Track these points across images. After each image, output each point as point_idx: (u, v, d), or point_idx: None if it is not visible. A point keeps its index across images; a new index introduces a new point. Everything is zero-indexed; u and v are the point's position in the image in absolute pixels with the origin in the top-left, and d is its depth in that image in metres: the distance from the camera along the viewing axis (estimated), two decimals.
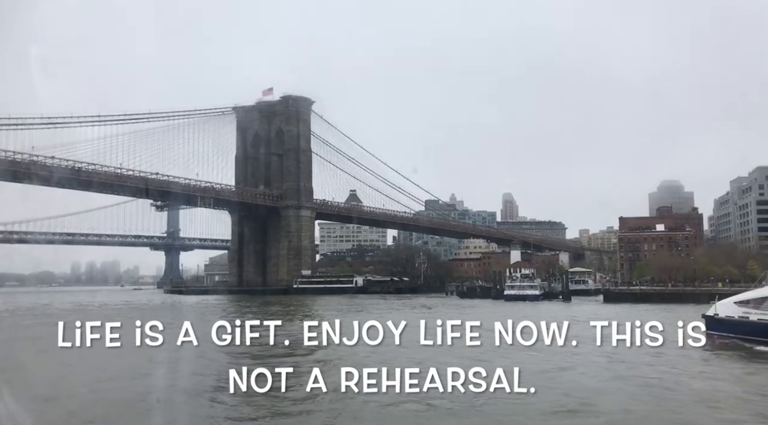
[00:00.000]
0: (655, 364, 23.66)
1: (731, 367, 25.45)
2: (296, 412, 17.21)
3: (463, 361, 12.62)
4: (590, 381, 21.99)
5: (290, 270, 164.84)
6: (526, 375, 12.08)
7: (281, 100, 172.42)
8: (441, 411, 16.48)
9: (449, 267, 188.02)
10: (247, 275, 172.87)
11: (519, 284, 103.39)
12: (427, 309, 74.96)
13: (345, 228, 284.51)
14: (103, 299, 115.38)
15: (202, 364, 23.30)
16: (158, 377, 20.87)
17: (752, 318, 28.80)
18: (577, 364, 24.02)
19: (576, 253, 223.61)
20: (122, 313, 69.82)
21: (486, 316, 57.99)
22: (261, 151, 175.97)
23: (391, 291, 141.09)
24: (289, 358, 21.15)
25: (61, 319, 11.76)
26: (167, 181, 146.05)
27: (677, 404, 18.39)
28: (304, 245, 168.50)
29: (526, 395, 12.12)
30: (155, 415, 17.26)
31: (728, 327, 29.74)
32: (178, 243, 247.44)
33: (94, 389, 20.90)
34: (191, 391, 20.14)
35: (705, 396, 19.58)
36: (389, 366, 11.75)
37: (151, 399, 18.64)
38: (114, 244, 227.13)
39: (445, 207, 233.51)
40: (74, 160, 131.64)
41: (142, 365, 21.71)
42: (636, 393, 19.75)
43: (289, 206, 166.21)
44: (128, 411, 18.13)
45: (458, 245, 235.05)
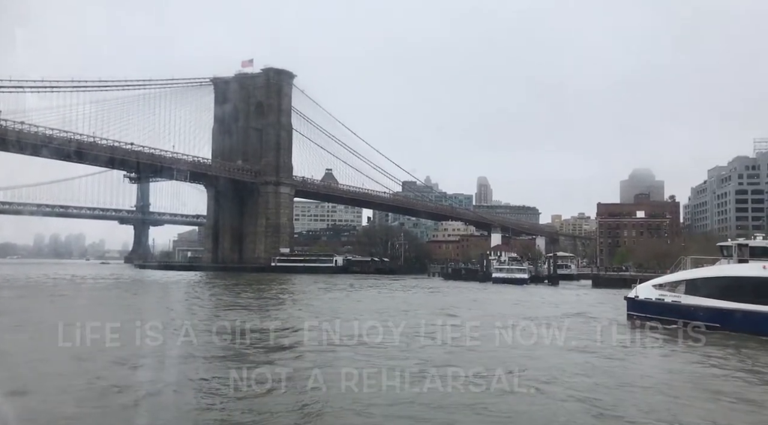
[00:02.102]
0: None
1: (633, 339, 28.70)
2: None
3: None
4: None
5: (267, 248, 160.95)
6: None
7: (262, 73, 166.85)
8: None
9: (427, 249, 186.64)
10: (223, 252, 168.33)
11: (507, 267, 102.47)
12: (433, 291, 72.90)
13: (320, 207, 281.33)
14: (76, 273, 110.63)
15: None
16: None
17: (667, 300, 31.42)
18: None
19: (551, 238, 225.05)
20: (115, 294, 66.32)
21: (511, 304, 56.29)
22: (239, 124, 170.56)
23: (372, 271, 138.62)
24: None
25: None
26: (142, 152, 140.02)
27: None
28: (282, 222, 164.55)
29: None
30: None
31: (647, 308, 32.46)
32: (149, 218, 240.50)
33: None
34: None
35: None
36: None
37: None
38: (82, 216, 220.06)
39: (423, 189, 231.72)
40: (45, 126, 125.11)
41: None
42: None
43: (269, 182, 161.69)
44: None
45: (434, 227, 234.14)
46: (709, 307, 28.98)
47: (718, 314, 28.41)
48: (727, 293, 28.90)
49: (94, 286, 74.42)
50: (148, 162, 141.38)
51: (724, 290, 29.10)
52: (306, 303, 48.69)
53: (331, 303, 48.65)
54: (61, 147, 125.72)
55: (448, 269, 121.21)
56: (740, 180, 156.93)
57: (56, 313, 35.07)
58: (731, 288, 28.93)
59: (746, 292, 28.28)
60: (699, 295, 29.96)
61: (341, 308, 43.98)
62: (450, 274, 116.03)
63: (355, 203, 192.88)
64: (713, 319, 28.42)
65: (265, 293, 61.56)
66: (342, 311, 40.88)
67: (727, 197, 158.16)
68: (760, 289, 27.94)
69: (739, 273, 29.64)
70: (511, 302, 52.93)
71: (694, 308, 29.59)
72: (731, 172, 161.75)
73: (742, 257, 30.84)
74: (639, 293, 33.71)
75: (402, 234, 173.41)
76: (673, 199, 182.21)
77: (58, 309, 39.95)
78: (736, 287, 28.78)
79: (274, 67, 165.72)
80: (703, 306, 29.25)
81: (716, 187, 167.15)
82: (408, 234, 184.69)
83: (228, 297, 55.15)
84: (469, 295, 63.75)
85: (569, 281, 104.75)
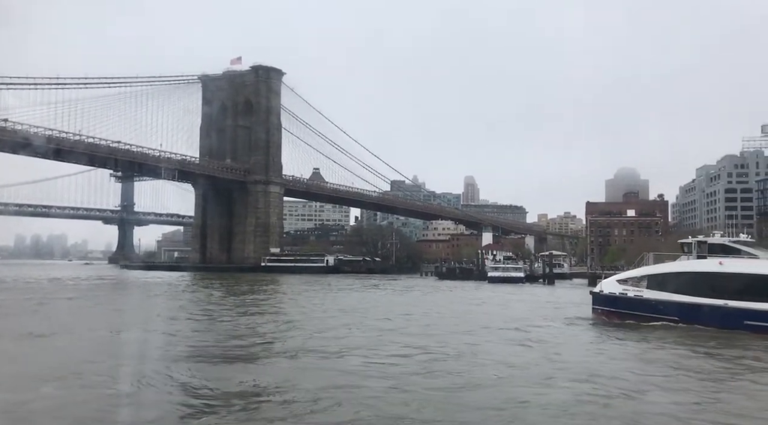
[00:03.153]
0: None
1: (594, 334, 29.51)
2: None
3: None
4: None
5: (257, 248, 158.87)
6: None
7: (251, 70, 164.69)
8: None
9: (418, 248, 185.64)
10: (211, 252, 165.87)
11: (503, 266, 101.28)
12: (449, 291, 71.60)
13: (307, 206, 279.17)
14: (60, 274, 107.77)
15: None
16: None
17: (630, 295, 32.35)
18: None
19: (540, 237, 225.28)
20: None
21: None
22: (228, 123, 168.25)
23: (364, 271, 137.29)
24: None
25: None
26: (130, 150, 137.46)
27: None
28: (272, 222, 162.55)
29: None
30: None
31: (610, 302, 33.30)
32: (133, 217, 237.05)
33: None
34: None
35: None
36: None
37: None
38: (65, 216, 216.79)
39: (412, 188, 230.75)
40: (30, 124, 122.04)
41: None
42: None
43: (258, 181, 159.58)
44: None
45: (423, 226, 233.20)
46: (669, 301, 30.26)
47: (677, 308, 29.74)
48: (685, 288, 30.01)
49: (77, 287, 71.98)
50: (136, 160, 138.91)
51: (683, 285, 30.18)
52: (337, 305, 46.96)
53: (363, 314, 39.16)
54: (43, 145, 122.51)
55: (443, 269, 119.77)
56: (729, 179, 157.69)
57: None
58: (689, 283, 29.97)
59: (703, 287, 29.35)
60: (660, 290, 31.01)
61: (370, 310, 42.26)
62: (444, 273, 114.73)
63: (347, 202, 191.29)
64: (672, 313, 29.90)
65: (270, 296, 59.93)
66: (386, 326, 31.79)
67: (717, 196, 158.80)
68: (716, 284, 28.99)
69: (697, 269, 30.60)
70: (536, 304, 51.43)
71: (655, 302, 30.81)
72: (720, 171, 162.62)
73: (701, 254, 31.67)
74: (604, 288, 34.35)
75: (394, 234, 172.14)
76: (661, 198, 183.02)
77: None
78: (694, 283, 29.83)
79: (264, 65, 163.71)
80: (663, 300, 30.49)
81: (705, 186, 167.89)
82: (398, 234, 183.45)
83: (238, 309, 51.88)
84: (477, 294, 62.65)
85: (563, 280, 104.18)
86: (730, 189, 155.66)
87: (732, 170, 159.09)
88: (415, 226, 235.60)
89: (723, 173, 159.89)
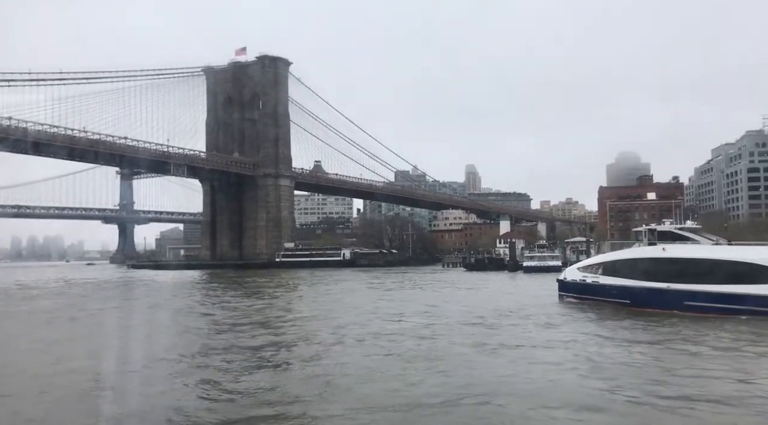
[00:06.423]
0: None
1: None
2: None
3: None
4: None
5: (269, 243, 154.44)
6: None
7: (256, 61, 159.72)
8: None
9: (431, 239, 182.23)
10: (222, 249, 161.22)
11: (539, 254, 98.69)
12: (511, 280, 67.04)
13: (310, 200, 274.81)
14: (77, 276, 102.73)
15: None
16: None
17: (588, 281, 35.22)
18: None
19: (550, 224, 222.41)
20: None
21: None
22: (234, 116, 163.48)
23: (382, 264, 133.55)
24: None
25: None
26: (137, 147, 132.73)
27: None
28: (283, 216, 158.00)
29: None
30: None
31: (573, 288, 36.52)
32: (133, 216, 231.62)
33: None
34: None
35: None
36: None
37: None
38: (63, 217, 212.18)
39: (417, 178, 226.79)
40: (34, 122, 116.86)
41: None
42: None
43: (268, 174, 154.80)
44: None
45: (430, 216, 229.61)
46: (620, 286, 32.65)
47: (627, 292, 32.03)
48: (634, 273, 32.12)
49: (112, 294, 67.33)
50: (145, 157, 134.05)
51: (632, 270, 32.36)
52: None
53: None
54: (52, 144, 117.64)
55: (471, 260, 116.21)
56: (751, 158, 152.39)
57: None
58: (637, 269, 32.03)
59: (649, 272, 31.28)
60: (613, 276, 33.40)
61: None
62: (473, 264, 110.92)
63: (357, 194, 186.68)
64: (624, 296, 32.27)
65: (337, 297, 55.43)
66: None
67: (739, 176, 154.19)
68: (660, 269, 30.88)
69: (643, 255, 32.80)
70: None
71: (608, 287, 33.40)
72: (741, 149, 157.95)
73: (651, 241, 33.33)
74: (567, 276, 37.80)
75: (410, 224, 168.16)
76: (676, 180, 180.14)
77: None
78: (641, 268, 31.86)
79: (269, 55, 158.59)
80: (615, 285, 32.90)
81: (725, 166, 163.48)
82: (416, 225, 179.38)
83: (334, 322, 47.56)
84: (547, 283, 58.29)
85: None
86: (753, 168, 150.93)
87: (753, 148, 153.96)
88: (421, 216, 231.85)
89: (744, 152, 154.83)
